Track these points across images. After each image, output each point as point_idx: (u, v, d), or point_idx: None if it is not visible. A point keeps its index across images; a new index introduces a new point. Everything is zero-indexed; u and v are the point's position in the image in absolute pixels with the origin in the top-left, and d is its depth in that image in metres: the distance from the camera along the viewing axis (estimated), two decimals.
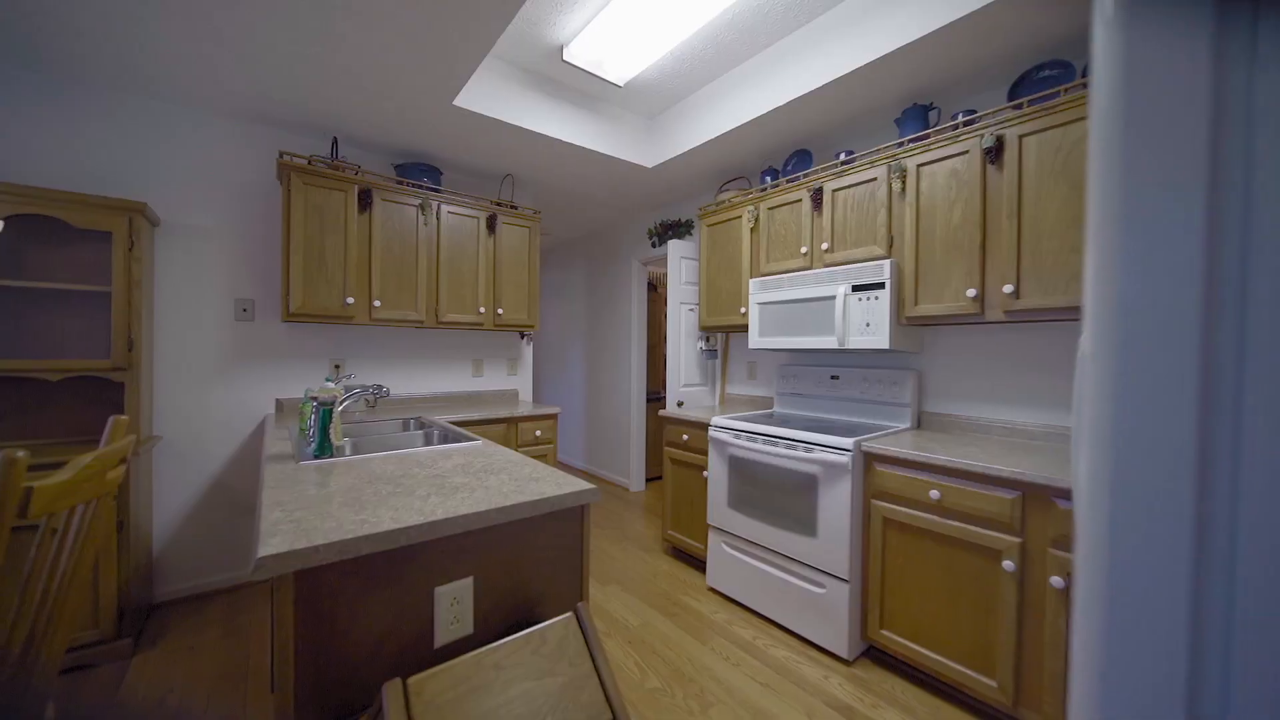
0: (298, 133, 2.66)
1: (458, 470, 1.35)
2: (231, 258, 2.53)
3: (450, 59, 1.98)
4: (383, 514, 0.99)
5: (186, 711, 1.57)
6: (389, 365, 2.95)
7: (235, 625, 2.15)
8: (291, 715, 0.82)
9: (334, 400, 1.51)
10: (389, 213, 2.64)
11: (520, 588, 1.10)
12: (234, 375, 2.53)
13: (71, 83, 2.16)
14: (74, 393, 2.14)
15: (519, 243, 3.11)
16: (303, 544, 0.82)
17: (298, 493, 1.13)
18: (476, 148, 2.81)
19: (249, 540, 2.57)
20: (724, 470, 2.37)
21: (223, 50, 1.94)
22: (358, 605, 0.89)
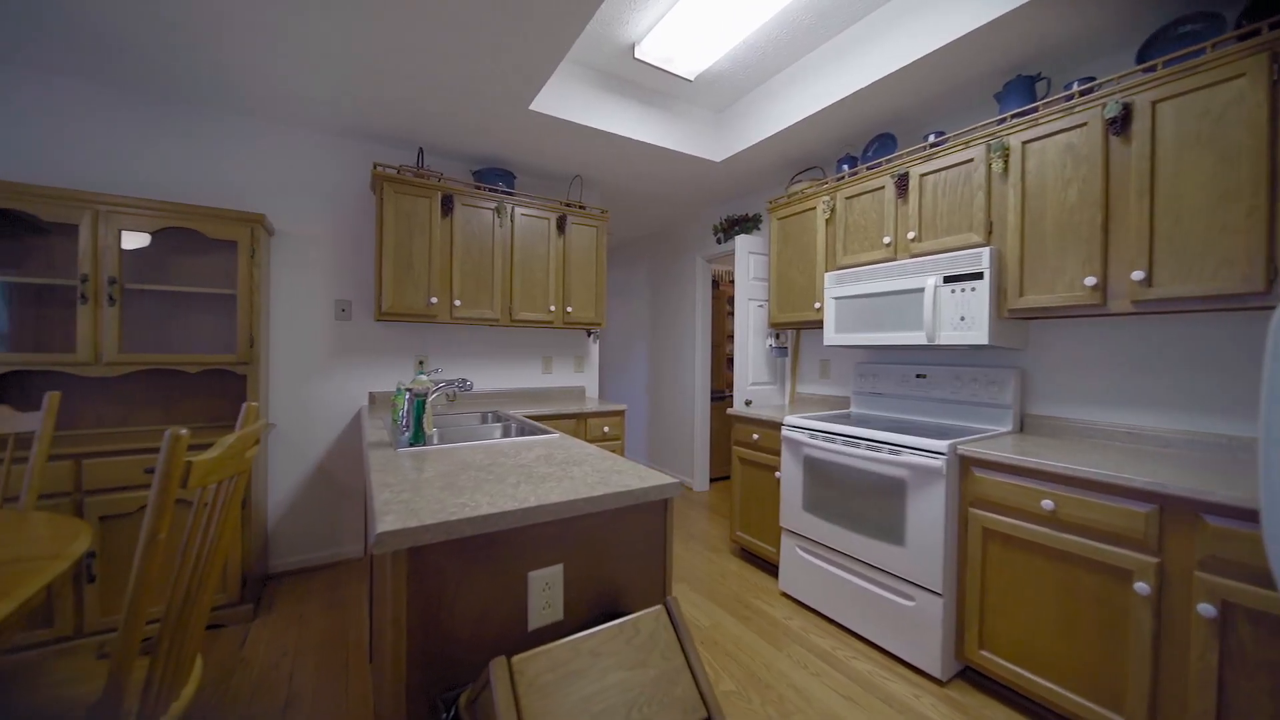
0: (389, 144, 2.86)
1: (541, 461, 1.39)
2: (332, 262, 2.77)
3: (528, 65, 2.05)
4: (479, 499, 1.03)
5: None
6: (466, 361, 3.11)
7: (336, 598, 2.34)
8: (403, 683, 0.87)
9: (426, 392, 1.60)
10: (468, 216, 2.78)
11: (605, 578, 1.11)
12: (334, 370, 2.76)
13: (203, 110, 2.45)
14: (207, 383, 2.42)
15: (587, 242, 3.16)
16: (413, 523, 0.87)
17: (400, 476, 1.21)
18: (548, 150, 2.89)
19: (347, 521, 2.80)
20: (798, 472, 2.28)
21: (328, 75, 2.12)
22: (460, 584, 0.93)
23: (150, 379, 2.32)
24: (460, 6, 1.70)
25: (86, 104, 2.25)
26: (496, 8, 1.70)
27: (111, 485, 1.91)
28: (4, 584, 0.94)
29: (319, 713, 1.60)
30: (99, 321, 2.03)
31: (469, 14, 1.74)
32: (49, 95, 2.19)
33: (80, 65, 2.11)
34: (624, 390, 5.32)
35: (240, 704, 1.63)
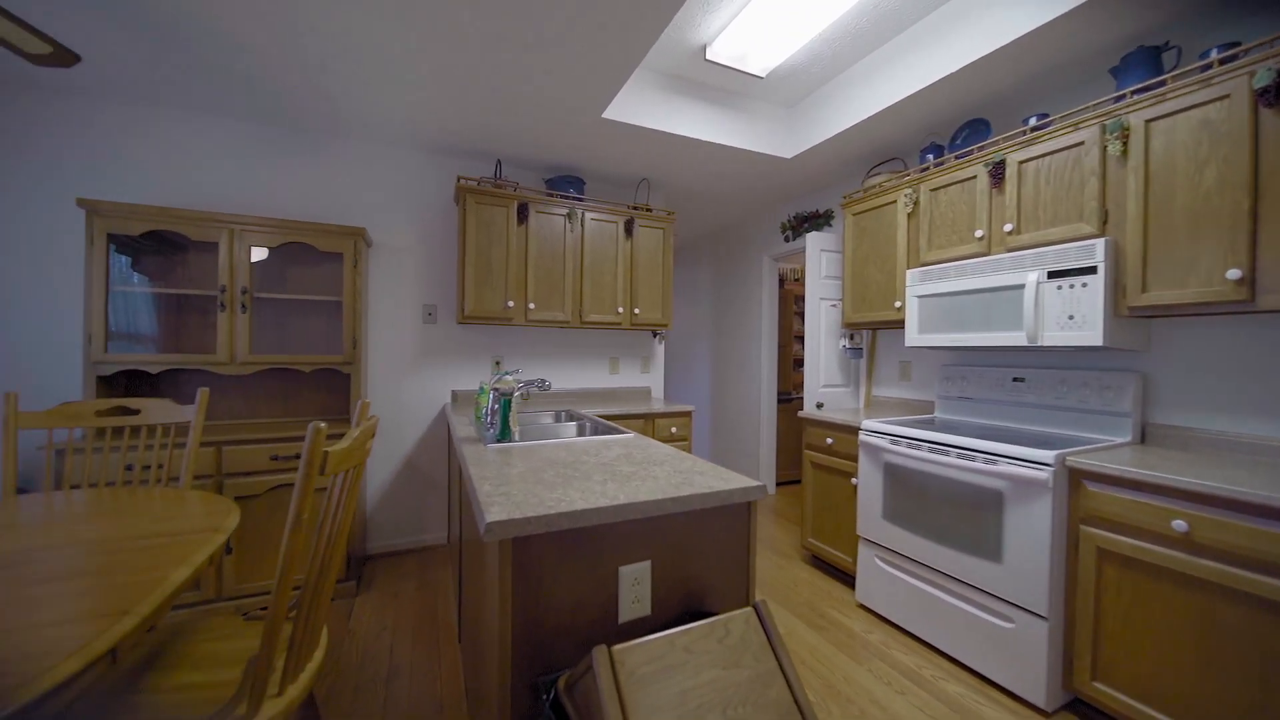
0: (469, 158, 3.05)
1: (622, 460, 1.43)
2: (419, 270, 2.99)
3: (602, 76, 2.11)
4: (571, 494, 1.08)
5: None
6: (537, 362, 3.24)
7: (425, 580, 2.53)
8: (509, 663, 0.94)
9: (512, 392, 1.70)
10: (541, 223, 2.90)
11: (689, 577, 1.13)
12: (421, 369, 2.98)
13: (314, 136, 2.74)
14: (318, 380, 2.70)
15: (654, 244, 3.20)
16: (517, 514, 0.93)
17: (494, 470, 1.29)
18: (617, 155, 2.95)
19: (432, 510, 3.01)
20: (877, 479, 2.18)
21: (419, 98, 2.29)
22: (557, 574, 0.98)
23: (272, 376, 2.62)
24: (540, 26, 1.78)
25: (223, 137, 2.58)
26: (574, 25, 1.77)
27: (244, 470, 2.18)
28: (180, 552, 1.11)
29: (417, 684, 1.74)
30: (234, 326, 2.32)
31: (548, 32, 1.82)
32: (194, 131, 2.53)
33: (220, 104, 2.43)
34: (687, 391, 5.31)
35: (351, 672, 1.81)
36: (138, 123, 2.45)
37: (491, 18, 1.74)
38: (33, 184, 2.30)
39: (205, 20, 1.79)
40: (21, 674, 0.68)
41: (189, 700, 1.05)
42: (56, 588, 0.94)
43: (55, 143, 2.33)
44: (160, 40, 1.92)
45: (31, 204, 2.30)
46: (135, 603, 0.88)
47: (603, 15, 1.74)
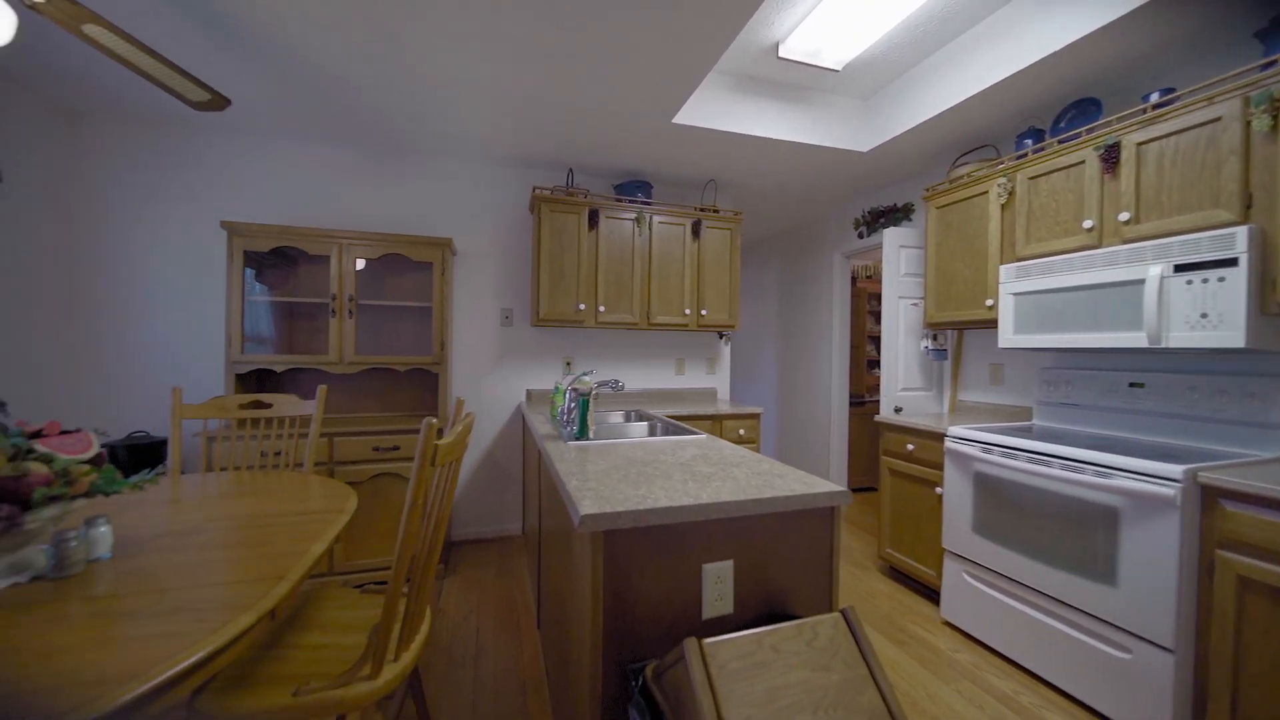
0: (543, 169, 3.20)
1: (699, 460, 1.45)
2: (497, 275, 3.18)
3: (673, 83, 2.14)
4: (655, 492, 1.12)
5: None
6: (605, 362, 3.34)
7: (504, 568, 2.69)
8: (600, 648, 0.99)
9: (590, 392, 1.77)
10: (611, 228, 2.98)
11: (770, 579, 1.13)
12: (499, 369, 3.17)
13: (406, 155, 2.99)
14: (410, 379, 2.94)
15: (720, 245, 3.19)
16: (608, 509, 0.99)
17: (578, 466, 1.36)
18: (685, 158, 2.98)
19: (509, 503, 3.19)
20: (967, 489, 2.05)
21: (498, 114, 2.44)
22: (644, 568, 1.03)
23: (372, 375, 2.90)
24: (615, 40, 1.85)
25: (333, 161, 2.88)
26: (647, 36, 1.82)
27: (351, 459, 2.43)
28: (314, 529, 1.27)
29: (501, 664, 1.86)
30: (342, 330, 2.59)
31: (622, 45, 1.88)
32: (310, 157, 2.85)
33: (332, 134, 2.72)
34: (752, 393, 5.23)
35: (443, 648, 1.96)
36: (266, 153, 2.80)
37: (570, 32, 1.83)
38: (185, 208, 2.70)
39: (328, 64, 2.02)
40: (218, 620, 0.82)
41: (320, 658, 1.20)
42: (225, 554, 1.11)
43: (203, 172, 2.72)
44: (289, 83, 2.18)
45: (186, 226, 2.69)
46: (287, 570, 1.03)
47: (676, 26, 1.77)
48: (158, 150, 2.66)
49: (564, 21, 1.76)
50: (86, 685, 0.67)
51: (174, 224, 2.68)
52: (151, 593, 0.93)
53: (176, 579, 0.98)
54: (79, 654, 0.74)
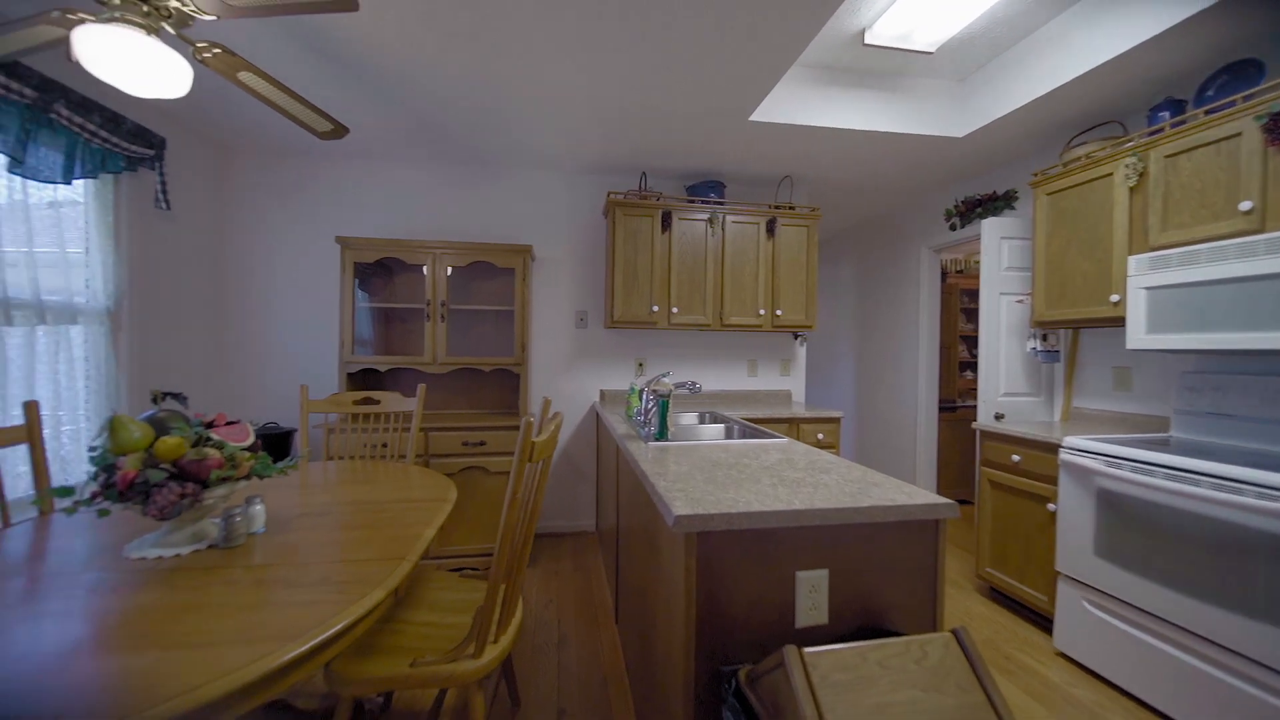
0: (617, 174, 3.27)
1: (784, 465, 1.42)
2: (572, 279, 3.29)
3: (752, 82, 2.11)
4: (744, 495, 1.11)
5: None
6: (676, 364, 3.35)
7: (580, 562, 2.78)
8: (692, 647, 1.00)
9: (669, 393, 1.79)
10: (683, 229, 2.99)
11: (868, 592, 1.08)
12: (574, 370, 3.28)
13: (492, 168, 3.17)
14: (493, 379, 3.13)
15: (797, 243, 3.09)
16: (700, 510, 0.99)
17: (663, 467, 1.38)
18: (760, 155, 2.92)
19: (582, 499, 3.29)
20: (1087, 507, 1.84)
21: (576, 125, 2.53)
22: (736, 572, 1.02)
23: (459, 374, 3.11)
24: (693, 42, 1.85)
25: (426, 177, 3.13)
26: (729, 36, 1.80)
27: (444, 452, 2.63)
28: (422, 515, 1.38)
29: (582, 653, 1.93)
30: (435, 333, 2.79)
31: (702, 46, 1.87)
32: (408, 175, 3.11)
33: (426, 152, 2.95)
34: (827, 395, 5.01)
35: (527, 634, 2.07)
36: (372, 173, 3.09)
37: (651, 38, 1.85)
38: (307, 226, 3.04)
39: (429, 91, 2.20)
40: (355, 593, 0.92)
41: (428, 634, 1.31)
42: (352, 534, 1.24)
43: (320, 193, 3.05)
44: (395, 110, 2.40)
45: (307, 242, 3.04)
46: (405, 552, 1.13)
47: (758, 25, 1.74)
48: (285, 176, 3.02)
49: (646, 28, 1.79)
50: (260, 641, 0.78)
51: (298, 240, 3.04)
52: (298, 565, 1.06)
53: (316, 554, 1.11)
54: (251, 613, 0.87)
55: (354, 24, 1.79)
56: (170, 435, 1.08)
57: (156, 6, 1.27)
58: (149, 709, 0.64)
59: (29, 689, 0.67)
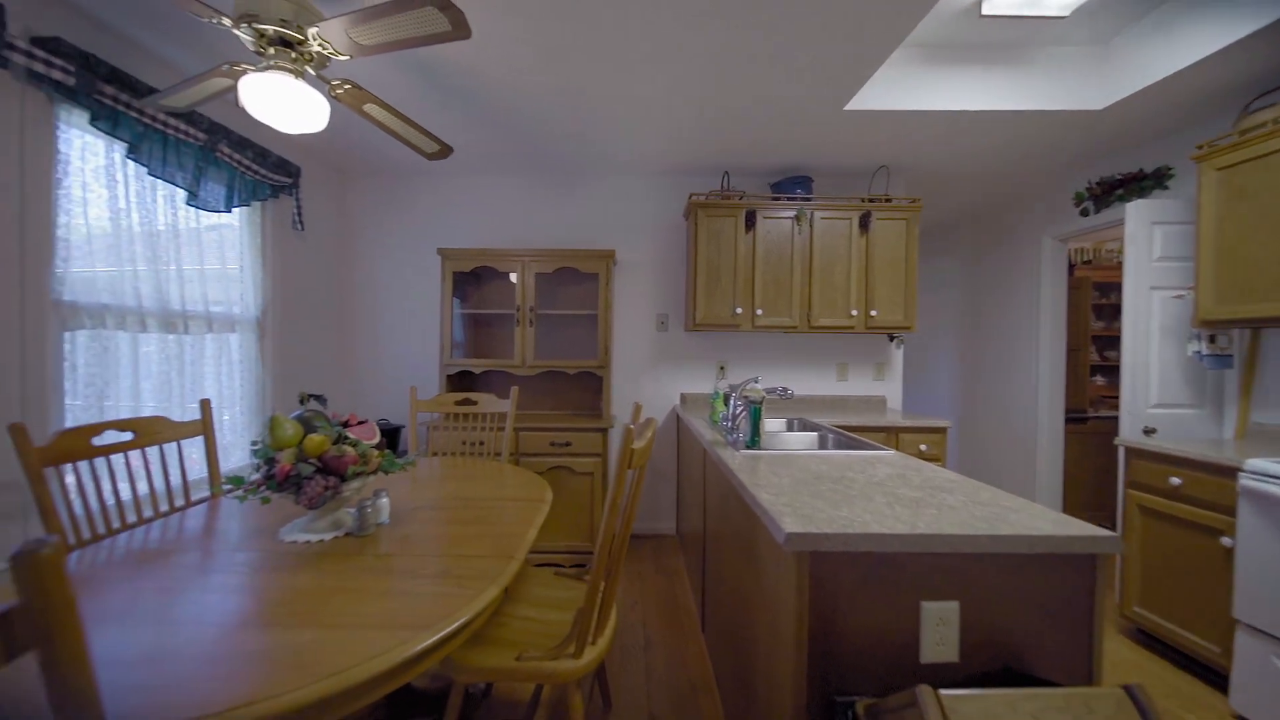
0: (699, 175, 3.23)
1: (896, 481, 1.31)
2: (653, 282, 3.30)
3: (850, 70, 1.98)
4: (857, 513, 1.03)
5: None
6: (759, 367, 3.24)
7: (661, 565, 2.78)
8: (804, 672, 0.95)
9: (761, 400, 1.72)
10: (768, 228, 2.89)
11: (1005, 630, 0.96)
12: (655, 373, 3.28)
13: (575, 175, 3.27)
14: (577, 381, 3.22)
15: (894, 238, 2.87)
16: (813, 529, 0.94)
17: (762, 479, 1.33)
18: (853, 146, 2.74)
19: (663, 501, 3.28)
20: (1278, 543, 1.52)
21: (659, 131, 2.52)
22: (853, 596, 0.95)
23: (545, 377, 3.23)
24: (788, 34, 1.77)
25: (516, 188, 3.29)
26: (828, 23, 1.70)
27: (532, 452, 2.74)
28: (523, 514, 1.44)
29: (669, 657, 1.92)
30: (524, 337, 2.93)
31: (797, 36, 1.79)
32: (500, 187, 3.29)
33: (517, 165, 3.09)
34: (923, 401, 4.62)
35: (616, 635, 2.09)
36: (467, 187, 3.30)
37: (744, 33, 1.80)
38: (412, 239, 3.32)
39: (522, 106, 2.31)
40: (474, 588, 0.97)
41: (529, 629, 1.36)
42: (462, 529, 1.32)
43: (422, 209, 3.31)
44: (490, 127, 2.54)
45: (411, 254, 3.31)
46: (512, 550, 1.18)
47: (860, 10, 1.63)
48: (393, 194, 3.32)
49: (745, 26, 1.74)
50: (396, 627, 0.84)
51: (404, 252, 3.32)
52: (420, 556, 1.14)
53: (434, 547, 1.19)
54: (386, 600, 0.94)
55: (457, 48, 1.91)
56: (315, 433, 1.22)
57: (302, 52, 1.44)
58: (308, 685, 0.71)
59: (203, 654, 0.78)
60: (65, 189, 1.71)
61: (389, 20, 1.27)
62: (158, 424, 1.55)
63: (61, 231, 1.69)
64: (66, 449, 1.31)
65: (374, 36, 1.34)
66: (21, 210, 1.57)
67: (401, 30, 1.29)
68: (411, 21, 1.25)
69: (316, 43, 1.41)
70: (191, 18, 1.75)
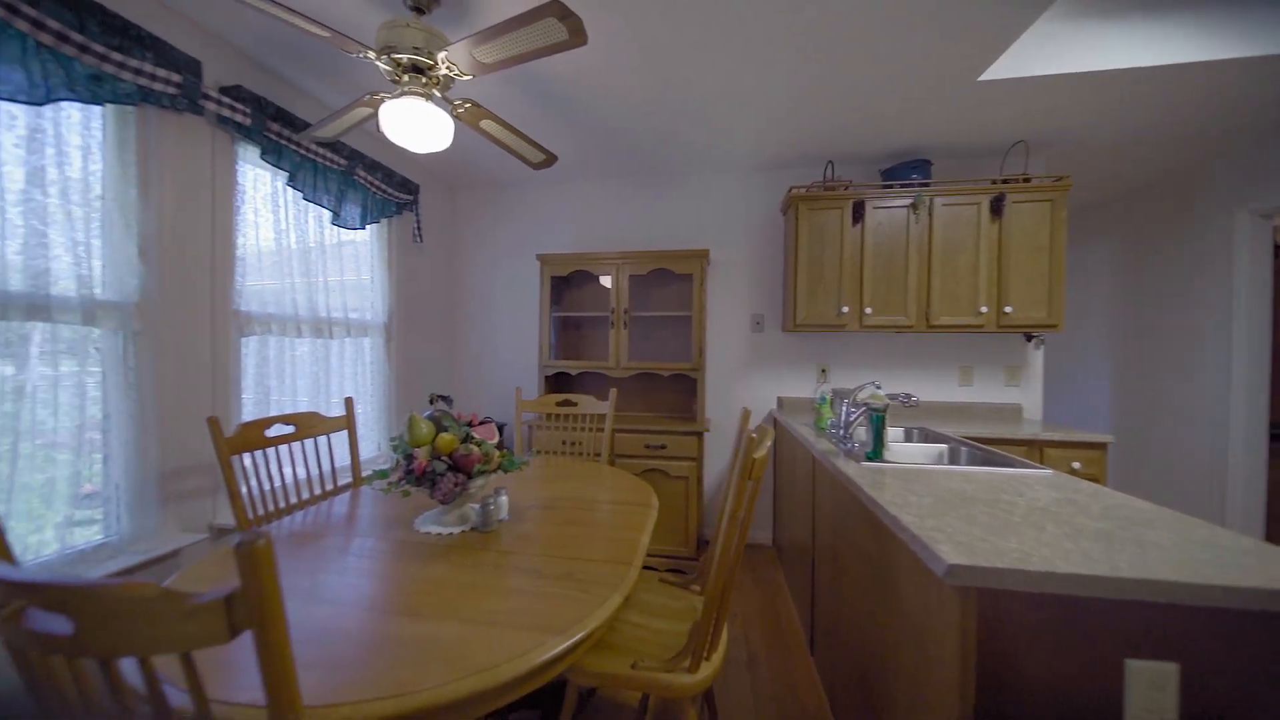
0: (798, 167, 3.06)
1: (1066, 506, 1.11)
2: (747, 281, 3.18)
3: (988, 36, 1.75)
4: (1028, 545, 0.88)
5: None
6: (865, 370, 2.99)
7: (758, 576, 2.66)
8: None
9: (885, 407, 1.57)
10: (879, 219, 2.65)
11: (1228, 702, 0.76)
12: (749, 375, 3.16)
13: (669, 176, 3.24)
14: (670, 383, 3.19)
15: (1034, 222, 2.51)
16: (982, 563, 0.81)
17: (897, 496, 1.19)
18: (983, 122, 2.43)
19: (760, 510, 3.15)
20: None
21: (757, 125, 2.41)
22: (1032, 645, 0.81)
23: (639, 379, 3.23)
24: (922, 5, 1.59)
25: (610, 192, 3.33)
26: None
27: (627, 453, 2.75)
28: (632, 518, 1.43)
29: (776, 678, 1.81)
30: (618, 339, 2.95)
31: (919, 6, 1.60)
32: (593, 192, 3.36)
33: (611, 169, 3.14)
34: (1066, 411, 4.02)
35: None
36: (564, 194, 3.41)
37: (869, 10, 1.66)
38: (513, 247, 3.49)
39: (620, 110, 2.32)
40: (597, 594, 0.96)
41: (640, 636, 1.33)
42: (576, 530, 1.33)
43: (523, 217, 3.48)
44: (589, 133, 2.60)
45: (513, 260, 3.49)
46: (628, 556, 1.17)
47: None
48: (495, 205, 3.52)
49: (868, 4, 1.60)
50: (530, 628, 0.85)
51: (506, 259, 3.50)
52: (540, 556, 1.16)
53: (552, 547, 1.21)
54: (515, 598, 0.96)
55: (563, 57, 1.95)
56: (445, 432, 1.29)
57: (431, 76, 1.54)
58: (460, 679, 0.73)
59: (361, 636, 0.83)
60: (242, 214, 2.00)
61: (510, 36, 1.31)
62: (312, 419, 1.75)
63: (239, 251, 1.98)
64: (247, 439, 1.52)
65: (496, 54, 1.40)
66: (213, 233, 1.86)
67: (522, 44, 1.33)
68: (532, 34, 1.28)
69: (444, 66, 1.50)
70: (336, 58, 1.96)
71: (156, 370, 1.65)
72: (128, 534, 1.60)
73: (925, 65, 1.96)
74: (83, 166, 1.51)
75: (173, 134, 1.70)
